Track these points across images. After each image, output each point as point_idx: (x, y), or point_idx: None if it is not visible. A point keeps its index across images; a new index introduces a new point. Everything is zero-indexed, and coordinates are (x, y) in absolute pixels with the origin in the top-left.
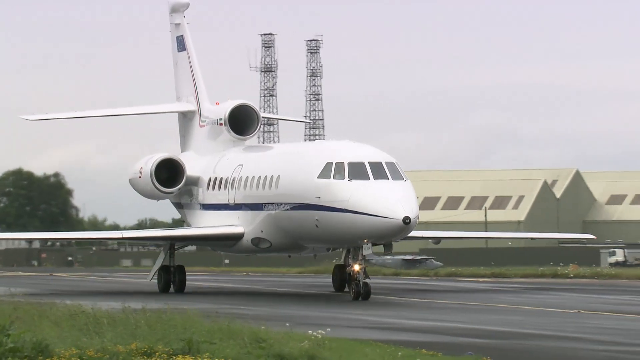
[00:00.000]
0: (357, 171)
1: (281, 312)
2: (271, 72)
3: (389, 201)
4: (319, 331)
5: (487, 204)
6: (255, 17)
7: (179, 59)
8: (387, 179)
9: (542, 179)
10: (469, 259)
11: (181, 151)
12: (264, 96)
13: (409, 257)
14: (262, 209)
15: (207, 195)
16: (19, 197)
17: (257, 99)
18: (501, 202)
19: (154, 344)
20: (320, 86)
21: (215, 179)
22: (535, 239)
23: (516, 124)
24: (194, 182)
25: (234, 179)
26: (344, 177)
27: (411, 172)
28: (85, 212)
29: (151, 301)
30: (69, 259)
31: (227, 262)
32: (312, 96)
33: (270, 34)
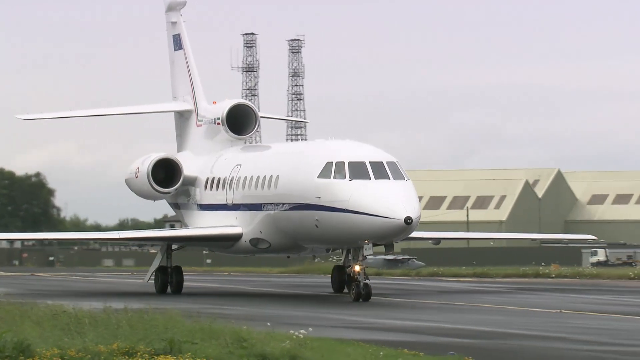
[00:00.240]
0: (358, 171)
1: (263, 312)
2: (253, 71)
3: (390, 201)
4: (300, 331)
5: (469, 203)
6: (237, 17)
7: (175, 58)
8: (388, 178)
9: (523, 179)
10: (451, 259)
11: (177, 151)
12: (246, 96)
13: (390, 257)
14: (261, 209)
15: (205, 195)
16: (0, 197)
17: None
18: (483, 202)
19: (136, 344)
20: (302, 86)
21: (212, 179)
22: (535, 239)
23: (498, 124)
24: (191, 182)
25: (232, 178)
26: (345, 177)
27: None
28: (67, 212)
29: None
30: (51, 258)
31: (209, 261)
32: (294, 96)
33: (252, 34)
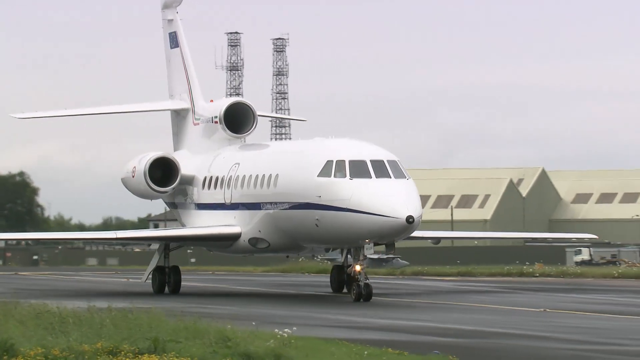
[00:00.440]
0: (359, 169)
1: (247, 311)
2: (237, 70)
3: (391, 200)
4: (285, 330)
5: (453, 203)
6: (221, 16)
7: (171, 56)
8: (389, 177)
9: (508, 178)
10: (435, 258)
11: (174, 150)
12: (230, 95)
13: (374, 256)
14: (260, 209)
15: (203, 194)
16: None
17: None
18: (467, 201)
19: (120, 343)
20: (286, 85)
21: (210, 178)
22: (537, 238)
23: (482, 123)
24: (188, 181)
25: (230, 177)
26: (345, 176)
27: None
28: (50, 211)
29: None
30: (35, 257)
31: (193, 260)
32: (278, 95)
33: (236, 33)
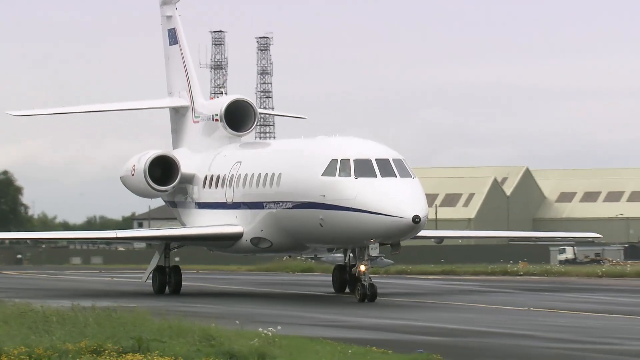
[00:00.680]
0: (364, 168)
1: (232, 310)
2: (221, 69)
3: (397, 199)
4: (269, 329)
5: (438, 201)
6: (205, 15)
7: (170, 53)
8: (395, 176)
9: (492, 177)
10: (419, 257)
11: (173, 148)
12: (215, 94)
13: None
14: (263, 208)
15: (203, 193)
16: None
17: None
18: (451, 200)
19: (103, 342)
20: (270, 83)
21: (211, 176)
22: (539, 237)
23: (466, 122)
24: (188, 180)
25: (232, 176)
26: (350, 175)
27: None
28: (34, 210)
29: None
30: (18, 256)
31: (177, 259)
32: (262, 94)
33: (220, 31)
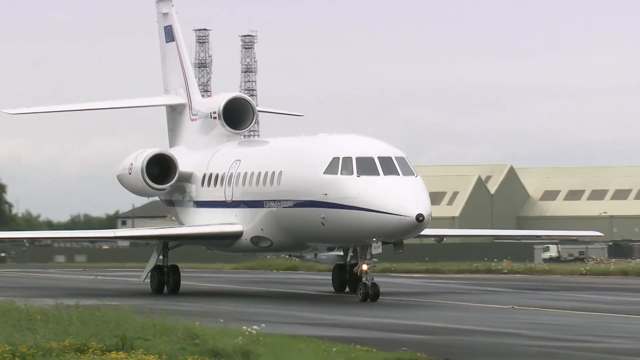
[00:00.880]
0: (366, 166)
1: (216, 308)
2: (205, 67)
3: (400, 198)
4: (253, 327)
5: None
6: (189, 13)
7: (167, 50)
8: (398, 174)
9: (476, 175)
10: (403, 255)
11: (170, 146)
12: (201, 92)
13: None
14: (263, 206)
15: (202, 192)
16: None
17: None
18: (435, 198)
19: (87, 340)
20: (254, 82)
21: (210, 175)
22: (541, 236)
23: (450, 120)
24: (186, 178)
25: (231, 174)
26: (352, 173)
27: None
28: (19, 208)
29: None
30: (2, 255)
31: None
32: (246, 92)
33: (204, 30)
